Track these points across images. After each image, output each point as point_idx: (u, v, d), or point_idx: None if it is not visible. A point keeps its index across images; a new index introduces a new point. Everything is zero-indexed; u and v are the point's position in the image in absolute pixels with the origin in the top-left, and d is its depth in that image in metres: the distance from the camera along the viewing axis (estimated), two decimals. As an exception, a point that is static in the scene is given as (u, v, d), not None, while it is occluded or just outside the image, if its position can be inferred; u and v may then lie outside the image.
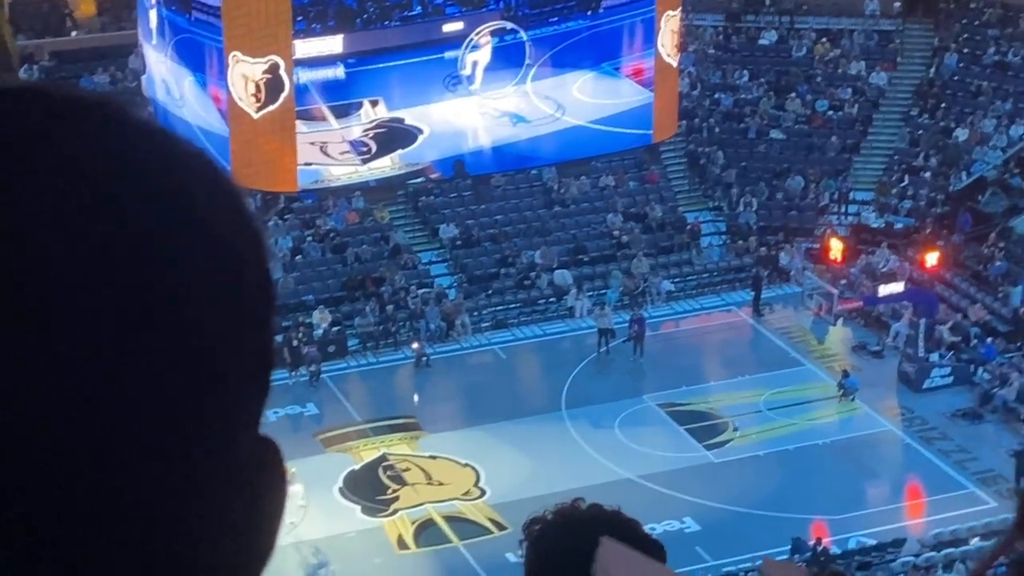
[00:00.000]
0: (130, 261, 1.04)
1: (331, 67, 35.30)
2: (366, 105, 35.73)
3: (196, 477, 1.08)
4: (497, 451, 35.45)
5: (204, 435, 1.08)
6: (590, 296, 42.62)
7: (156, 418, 1.05)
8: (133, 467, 1.04)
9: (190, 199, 1.11)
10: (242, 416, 1.14)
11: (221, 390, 1.10)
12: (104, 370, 1.02)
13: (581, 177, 46.18)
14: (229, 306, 1.11)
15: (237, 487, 1.12)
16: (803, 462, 35.21)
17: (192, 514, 1.08)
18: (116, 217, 1.05)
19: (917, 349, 38.75)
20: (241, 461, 1.13)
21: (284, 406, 37.84)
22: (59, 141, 1.07)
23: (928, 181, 46.71)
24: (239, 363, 1.12)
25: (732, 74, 50.47)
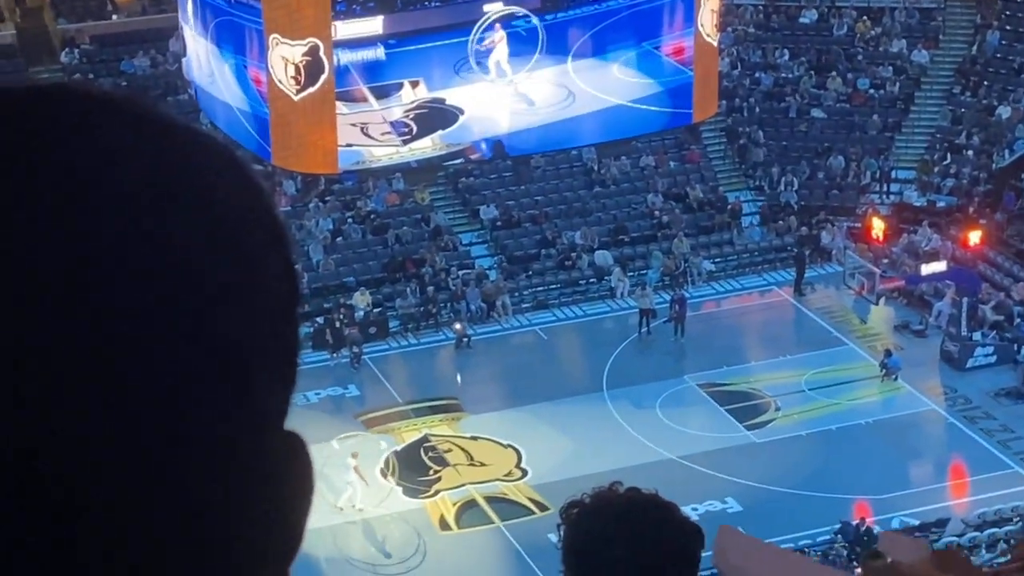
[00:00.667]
0: (149, 262, 1.05)
1: (372, 48, 35.29)
2: (407, 86, 35.71)
3: (227, 470, 1.08)
4: (538, 432, 35.47)
5: (233, 430, 1.09)
6: (631, 276, 42.58)
7: (186, 415, 1.05)
8: (168, 460, 1.05)
9: (211, 197, 1.11)
10: (269, 411, 1.14)
11: (247, 386, 1.10)
12: (129, 367, 1.03)
13: (621, 157, 46.13)
14: (253, 303, 1.12)
15: (265, 479, 1.13)
16: (845, 442, 35.11)
17: (223, 505, 1.09)
18: (134, 217, 1.05)
19: (960, 328, 38.57)
20: (269, 454, 1.14)
21: (326, 387, 37.96)
22: (79, 142, 1.07)
23: (971, 159, 46.46)
24: (264, 359, 1.13)
25: (772, 53, 50.26)
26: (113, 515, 1.03)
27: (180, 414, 1.05)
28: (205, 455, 1.07)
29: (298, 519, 1.17)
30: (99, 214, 1.04)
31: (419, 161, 36.52)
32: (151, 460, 1.04)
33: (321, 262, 42.16)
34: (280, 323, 1.16)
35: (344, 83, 35.28)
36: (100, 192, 1.05)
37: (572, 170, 46.24)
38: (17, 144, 1.06)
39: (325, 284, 41.73)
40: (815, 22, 51.17)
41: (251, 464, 1.11)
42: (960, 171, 46.15)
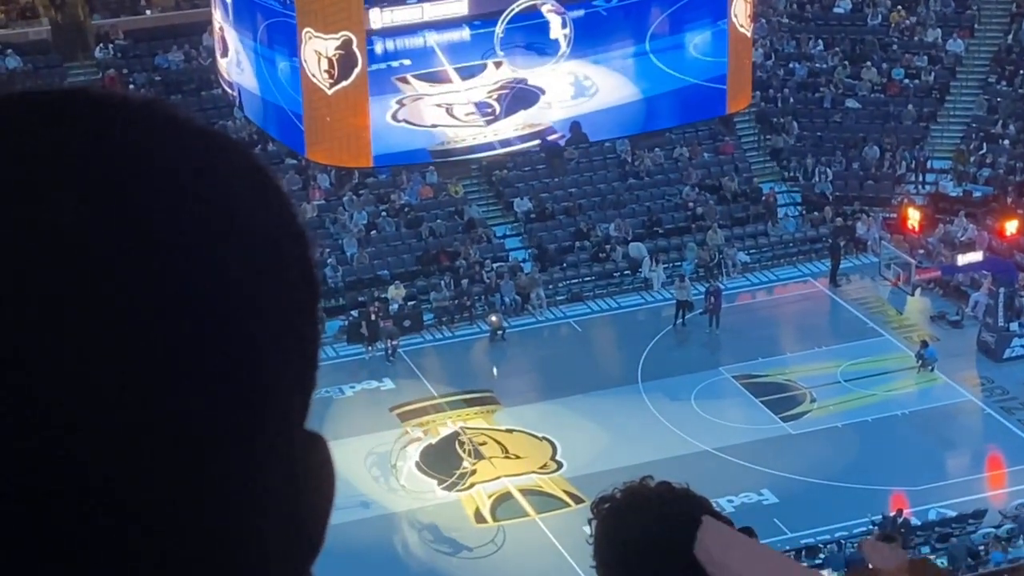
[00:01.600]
0: (169, 264, 1.05)
1: (457, 29, 35.55)
2: (490, 66, 35.90)
3: (247, 469, 1.09)
4: (573, 424, 35.47)
5: (253, 429, 1.09)
6: (665, 268, 42.53)
7: (209, 418, 1.06)
8: (189, 458, 1.06)
9: (229, 199, 1.12)
10: (291, 412, 1.15)
11: (267, 386, 1.11)
12: (150, 368, 1.04)
13: (655, 149, 46.07)
14: (273, 305, 1.12)
15: (287, 479, 1.14)
16: (882, 433, 35.01)
17: (244, 503, 1.09)
18: (153, 221, 1.06)
19: (997, 318, 38.41)
20: (290, 454, 1.14)
21: (361, 381, 38.05)
22: (99, 147, 1.08)
23: (1007, 149, 46.23)
24: (284, 360, 1.13)
25: (806, 43, 50.10)
26: (133, 514, 1.04)
27: (200, 415, 1.06)
28: (225, 453, 1.07)
29: (319, 518, 1.19)
30: (118, 218, 1.05)
31: (501, 141, 36.69)
32: (173, 458, 1.05)
33: (355, 255, 42.24)
34: (300, 324, 1.16)
35: (430, 64, 35.54)
36: (120, 196, 1.06)
37: (606, 162, 46.21)
38: (38, 151, 1.06)
39: (359, 278, 41.80)
40: (849, 12, 50.99)
41: (271, 463, 1.12)
42: (996, 161, 45.94)
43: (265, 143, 43.13)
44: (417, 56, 35.40)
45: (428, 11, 35.16)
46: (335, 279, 41.39)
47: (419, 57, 35.45)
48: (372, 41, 35.08)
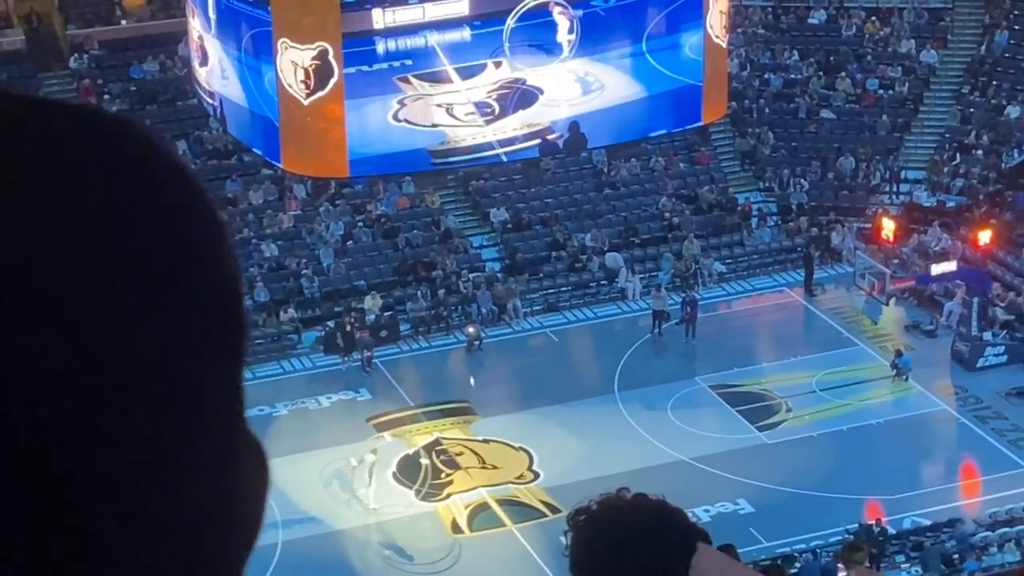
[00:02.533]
0: (73, 274, 1.09)
1: (458, 29, 35.71)
2: (490, 66, 36.05)
3: (167, 467, 1.12)
4: (550, 434, 35.48)
5: (168, 430, 1.12)
6: (641, 278, 42.58)
7: (129, 407, 1.09)
8: (109, 452, 1.09)
9: (128, 201, 1.15)
10: (216, 404, 1.17)
11: (177, 389, 1.13)
12: (75, 356, 1.07)
13: (631, 159, 46.14)
14: (185, 313, 1.15)
15: (221, 477, 1.16)
16: (857, 442, 35.10)
17: (174, 500, 1.12)
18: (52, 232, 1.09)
19: (970, 328, 38.55)
20: (223, 453, 1.17)
21: (337, 391, 38.03)
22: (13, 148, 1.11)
23: (980, 159, 46.42)
24: (200, 365, 1.15)
25: (781, 54, 50.25)
26: (56, 515, 1.07)
27: (113, 415, 1.09)
28: (143, 454, 1.10)
29: (252, 518, 1.21)
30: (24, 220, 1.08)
31: (500, 142, 36.79)
32: (97, 456, 1.08)
33: (332, 266, 42.21)
34: (218, 313, 1.18)
35: (431, 64, 35.65)
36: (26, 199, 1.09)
37: (582, 172, 46.27)
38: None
39: (336, 288, 41.78)
40: (824, 23, 51.16)
41: (200, 461, 1.14)
42: (969, 171, 46.12)
43: (242, 154, 43.11)
44: (418, 56, 35.54)
45: (429, 11, 35.39)
46: (311, 289, 41.36)
47: (420, 57, 35.57)
48: (374, 41, 35.23)
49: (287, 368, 39.46)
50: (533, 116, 36.63)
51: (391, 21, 35.24)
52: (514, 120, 36.64)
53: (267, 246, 42.44)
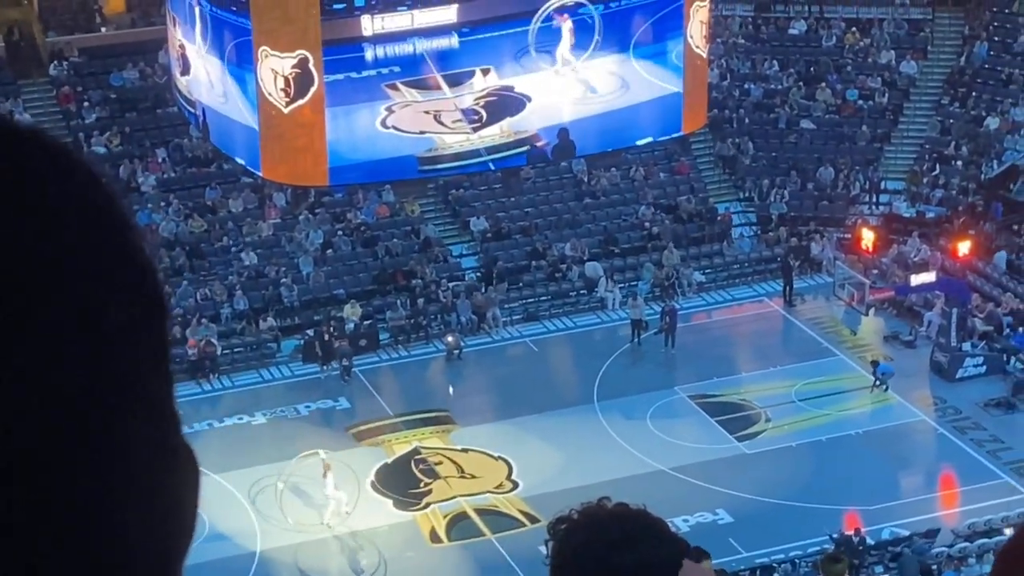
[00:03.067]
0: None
1: (446, 36, 35.77)
2: (478, 73, 36.13)
3: (103, 466, 1.13)
4: (529, 444, 35.46)
5: (100, 428, 1.13)
6: (621, 288, 42.61)
7: (55, 413, 1.10)
8: (42, 458, 1.09)
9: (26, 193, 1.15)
10: (141, 407, 1.18)
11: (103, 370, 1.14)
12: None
13: (611, 169, 46.19)
14: (98, 320, 1.15)
15: (150, 480, 1.17)
16: (836, 453, 35.13)
17: (107, 503, 1.13)
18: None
19: (950, 338, 38.63)
20: (153, 458, 1.17)
21: (316, 400, 37.97)
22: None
23: (959, 170, 46.55)
24: (121, 373, 1.16)
25: (762, 64, 50.35)
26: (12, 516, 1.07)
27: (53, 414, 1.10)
28: (67, 457, 1.10)
29: (185, 519, 1.21)
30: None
31: (488, 149, 36.83)
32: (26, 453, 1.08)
33: (311, 274, 42.16)
34: (136, 335, 1.18)
35: (419, 71, 35.74)
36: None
37: (562, 181, 46.29)
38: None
39: (315, 297, 41.73)
40: (804, 33, 51.29)
41: (136, 462, 1.15)
42: (949, 182, 46.24)
43: (221, 161, 43.06)
44: (407, 63, 35.73)
45: (418, 18, 35.49)
46: (291, 298, 41.31)
47: (408, 64, 35.77)
48: (363, 48, 35.32)
49: (266, 376, 39.41)
50: (521, 123, 36.73)
51: (380, 28, 35.37)
52: (502, 127, 36.74)
53: (246, 254, 42.38)
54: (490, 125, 36.62)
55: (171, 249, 42.04)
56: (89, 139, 44.72)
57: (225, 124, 37.08)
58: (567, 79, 36.96)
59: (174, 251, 42.03)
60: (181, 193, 44.00)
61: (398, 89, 35.92)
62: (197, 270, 41.95)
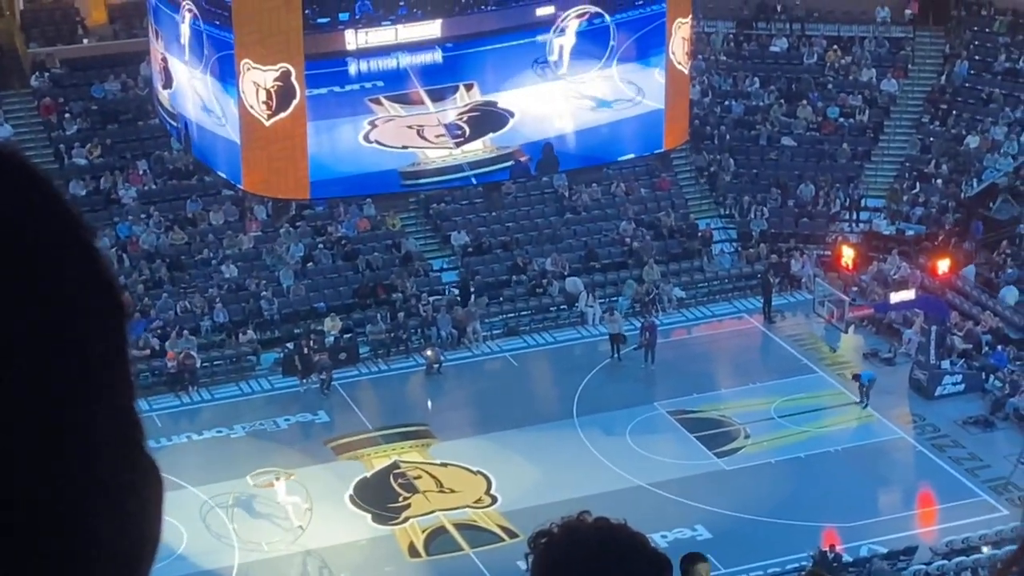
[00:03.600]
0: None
1: (430, 51, 35.86)
2: (461, 89, 36.20)
3: (73, 487, 1.14)
4: (508, 458, 35.44)
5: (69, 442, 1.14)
6: (601, 303, 42.63)
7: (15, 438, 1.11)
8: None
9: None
10: (109, 424, 1.19)
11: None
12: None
13: (592, 184, 46.22)
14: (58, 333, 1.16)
15: (118, 485, 1.18)
16: (815, 469, 35.17)
17: (76, 506, 1.13)
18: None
19: (929, 356, 38.70)
20: (120, 463, 1.19)
21: (295, 414, 37.90)
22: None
23: (939, 188, 46.67)
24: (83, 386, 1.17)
25: (743, 81, 50.46)
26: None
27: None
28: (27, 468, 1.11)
29: (148, 525, 1.22)
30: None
31: (471, 164, 36.90)
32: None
33: (291, 287, 42.11)
34: (102, 337, 1.20)
35: (403, 86, 35.83)
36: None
37: (543, 196, 46.31)
38: None
39: (295, 310, 41.68)
40: (785, 51, 51.41)
41: (91, 470, 1.15)
42: (929, 200, 46.36)
43: (202, 174, 43.00)
44: (390, 77, 35.77)
45: (402, 33, 35.55)
46: (271, 311, 41.24)
47: (392, 79, 35.80)
48: (346, 62, 35.35)
49: (245, 389, 39.34)
50: (504, 138, 36.76)
51: (363, 42, 35.39)
52: (485, 142, 36.78)
53: (227, 267, 42.32)
54: (473, 140, 36.68)
55: (151, 261, 41.97)
56: (70, 150, 44.64)
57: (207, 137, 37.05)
58: (554, 93, 37.02)
59: (154, 263, 41.95)
60: (162, 205, 43.92)
61: (381, 103, 35.95)
62: (177, 282, 41.87)
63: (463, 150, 36.76)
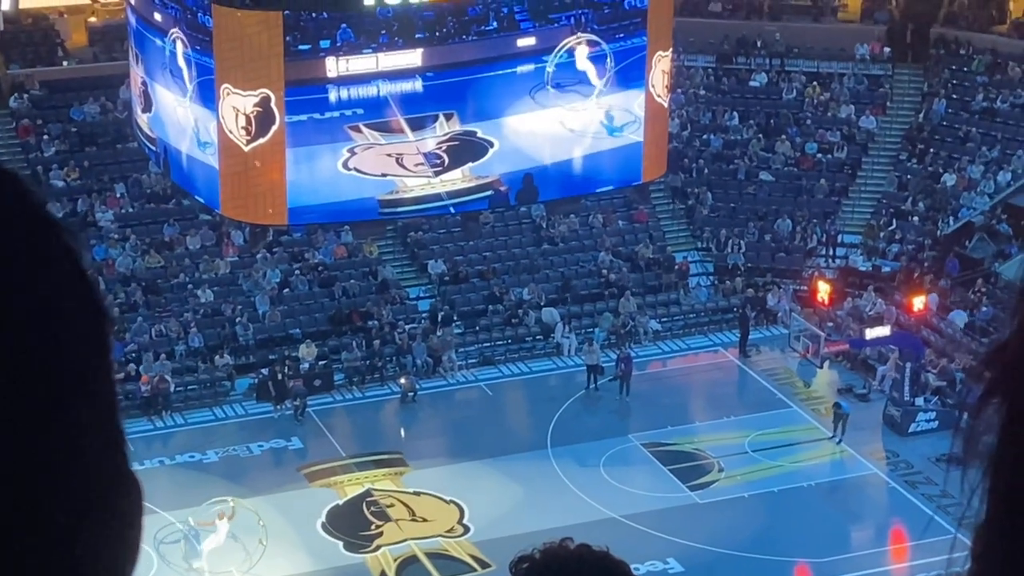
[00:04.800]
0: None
1: (410, 80, 35.88)
2: (441, 118, 36.23)
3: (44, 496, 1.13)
4: (482, 488, 35.38)
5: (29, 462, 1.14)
6: (577, 334, 42.63)
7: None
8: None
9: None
10: (93, 441, 1.19)
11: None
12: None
13: (570, 215, 46.27)
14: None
15: (102, 496, 1.19)
16: (788, 504, 35.17)
17: (59, 517, 1.14)
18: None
19: (903, 393, 38.77)
20: (100, 477, 1.19)
21: (269, 439, 37.80)
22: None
23: (916, 226, 46.82)
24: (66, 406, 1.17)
25: (722, 115, 50.61)
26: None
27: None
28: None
29: (129, 540, 1.23)
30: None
31: (449, 193, 36.98)
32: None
33: (267, 313, 42.03)
34: (86, 347, 1.20)
35: (383, 114, 35.81)
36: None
37: (521, 227, 46.34)
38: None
39: (271, 336, 41.59)
40: (765, 86, 51.59)
41: (83, 489, 1.16)
42: (905, 237, 46.51)
43: (180, 198, 42.95)
44: (370, 105, 35.74)
45: (383, 61, 35.55)
46: (246, 336, 41.15)
47: (372, 107, 35.77)
48: (327, 89, 35.35)
49: (219, 415, 39.23)
50: (483, 168, 36.76)
51: (344, 70, 35.37)
52: (464, 172, 36.82)
53: (203, 291, 42.23)
54: (452, 169, 36.73)
55: (127, 285, 41.86)
56: (48, 172, 44.55)
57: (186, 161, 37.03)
58: (535, 123, 37.09)
59: (130, 287, 41.85)
60: (139, 229, 43.84)
61: (361, 131, 35.95)
62: (153, 306, 41.76)
63: (442, 179, 36.82)
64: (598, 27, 37.16)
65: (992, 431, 1.30)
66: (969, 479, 1.31)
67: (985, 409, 1.32)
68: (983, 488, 1.31)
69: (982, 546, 1.31)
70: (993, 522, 1.30)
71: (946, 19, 52.16)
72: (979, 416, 1.32)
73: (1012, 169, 47.09)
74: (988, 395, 1.32)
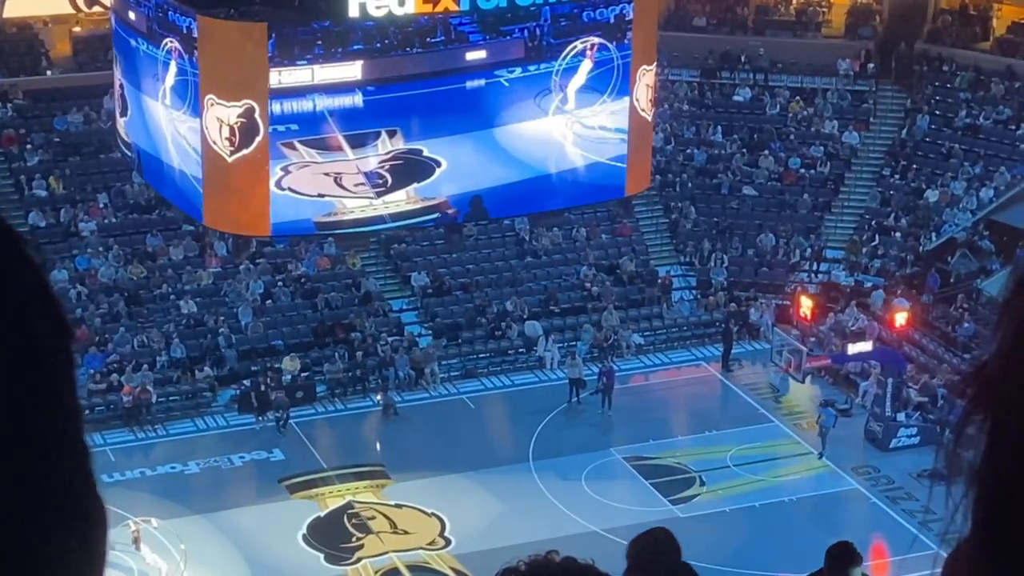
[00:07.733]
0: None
1: (349, 94, 33.89)
2: (383, 135, 34.23)
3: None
4: (464, 501, 35.35)
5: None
6: (560, 347, 42.63)
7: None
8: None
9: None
10: (58, 464, 1.18)
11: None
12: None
13: (553, 228, 46.29)
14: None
15: (63, 526, 1.17)
16: (769, 519, 35.19)
17: (32, 534, 1.14)
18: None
19: (884, 408, 38.83)
20: (69, 493, 1.18)
21: (250, 451, 37.74)
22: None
23: (898, 241, 46.93)
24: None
25: (706, 130, 50.69)
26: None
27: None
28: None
29: (95, 557, 1.22)
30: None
31: (392, 216, 34.97)
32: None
33: (250, 325, 41.97)
34: (55, 361, 1.20)
35: (320, 130, 33.68)
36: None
37: (504, 239, 46.35)
38: None
39: (253, 347, 41.52)
40: (749, 101, 51.68)
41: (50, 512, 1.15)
42: (888, 252, 46.60)
43: (163, 208, 42.88)
44: (305, 121, 33.55)
45: (319, 74, 33.60)
46: (228, 348, 41.08)
47: (308, 122, 33.58)
48: None
49: (201, 426, 39.15)
50: (429, 189, 34.68)
51: (276, 82, 33.32)
52: (408, 193, 35.03)
53: (185, 302, 42.16)
54: (396, 190, 34.40)
55: (109, 295, 41.78)
56: (31, 182, 44.46)
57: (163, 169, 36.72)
58: (490, 141, 35.35)
59: (112, 297, 41.77)
60: (121, 239, 43.76)
61: (295, 148, 33.79)
62: (135, 317, 41.68)
63: (384, 200, 34.39)
64: (554, 41, 35.55)
65: (975, 447, 1.31)
66: (952, 495, 1.31)
67: (968, 425, 1.32)
68: (966, 504, 1.31)
69: (966, 563, 1.31)
70: (976, 538, 1.31)
71: (930, 36, 52.31)
72: (962, 432, 1.32)
73: (995, 186, 47.20)
74: (971, 411, 1.33)
